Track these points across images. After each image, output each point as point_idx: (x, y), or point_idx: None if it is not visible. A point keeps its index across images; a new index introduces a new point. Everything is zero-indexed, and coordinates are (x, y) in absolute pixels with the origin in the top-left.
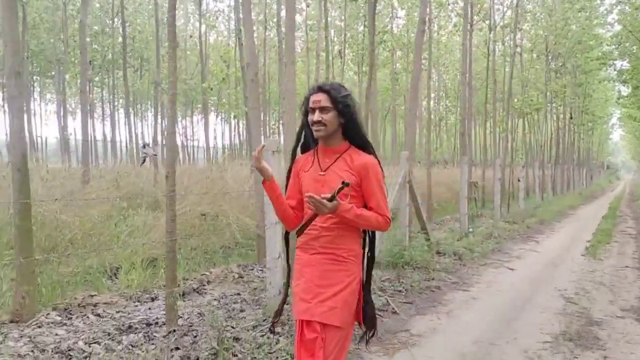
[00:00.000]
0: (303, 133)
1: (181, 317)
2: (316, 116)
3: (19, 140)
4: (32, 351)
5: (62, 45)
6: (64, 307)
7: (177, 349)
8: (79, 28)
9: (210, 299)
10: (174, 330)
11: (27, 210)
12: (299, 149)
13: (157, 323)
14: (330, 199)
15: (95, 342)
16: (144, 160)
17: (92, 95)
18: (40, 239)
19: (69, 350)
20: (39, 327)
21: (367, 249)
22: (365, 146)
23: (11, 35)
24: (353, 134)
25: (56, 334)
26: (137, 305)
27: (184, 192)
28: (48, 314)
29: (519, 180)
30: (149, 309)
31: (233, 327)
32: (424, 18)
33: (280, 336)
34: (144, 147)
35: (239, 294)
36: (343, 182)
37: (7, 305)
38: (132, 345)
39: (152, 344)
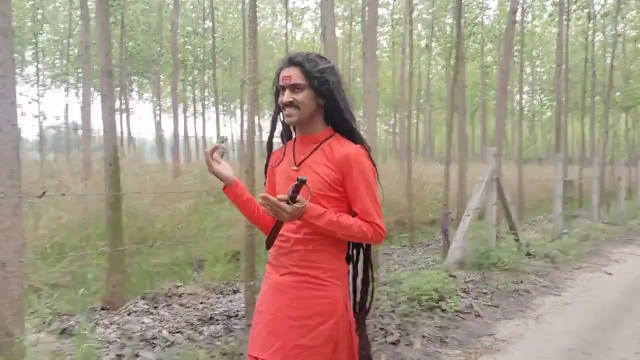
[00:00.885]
0: (278, 119)
1: None
2: (286, 96)
3: (110, 136)
4: (119, 338)
5: (157, 46)
6: (151, 297)
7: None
8: (171, 29)
9: None
10: None
11: (118, 202)
12: (278, 141)
13: (237, 315)
14: (291, 201)
15: (178, 332)
16: (222, 155)
17: (185, 94)
18: (132, 231)
19: (153, 338)
20: (128, 314)
21: (357, 266)
22: (350, 133)
23: (104, 36)
24: (336, 118)
25: (142, 322)
26: (219, 297)
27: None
28: (136, 302)
29: (619, 179)
30: (230, 301)
31: None
32: (515, 8)
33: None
34: (222, 142)
35: None
36: (299, 178)
37: (100, 292)
38: (212, 336)
39: (232, 335)
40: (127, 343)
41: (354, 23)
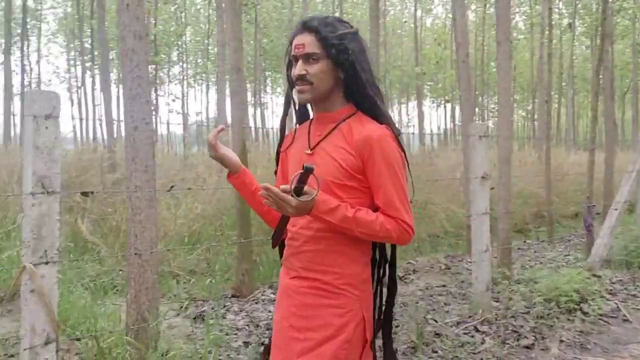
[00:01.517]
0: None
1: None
2: (298, 68)
3: (240, 130)
4: (247, 325)
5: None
6: (278, 286)
7: (376, 337)
8: None
9: (415, 289)
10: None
11: None
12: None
13: None
14: (296, 192)
15: None
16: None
17: None
18: (261, 221)
19: None
20: (256, 303)
21: (381, 270)
22: (374, 112)
23: (233, 33)
24: (357, 94)
25: (269, 311)
26: None
27: None
28: (264, 291)
29: None
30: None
31: (436, 321)
32: None
33: (486, 336)
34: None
35: (444, 285)
36: (304, 166)
37: (231, 280)
38: None
39: None
40: (254, 331)
41: (487, 5)
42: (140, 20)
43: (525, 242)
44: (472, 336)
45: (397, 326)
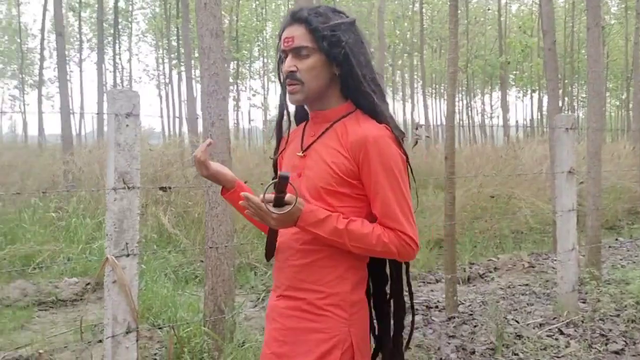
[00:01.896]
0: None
1: (462, 303)
2: (287, 64)
3: None
4: None
5: (367, 33)
6: None
7: (454, 337)
8: (377, 15)
9: (495, 288)
10: (453, 317)
11: None
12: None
13: (437, 307)
14: (277, 203)
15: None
16: (416, 142)
17: (395, 78)
18: None
19: None
20: None
21: (383, 290)
22: (372, 110)
23: None
24: (354, 91)
25: None
26: (420, 286)
27: (474, 173)
28: None
29: None
30: (432, 290)
31: (517, 322)
32: None
33: (571, 339)
34: (416, 128)
35: (527, 285)
36: (280, 175)
37: None
38: (410, 326)
39: (430, 328)
40: None
41: None
42: (217, 19)
43: (617, 240)
44: (556, 339)
45: (475, 326)
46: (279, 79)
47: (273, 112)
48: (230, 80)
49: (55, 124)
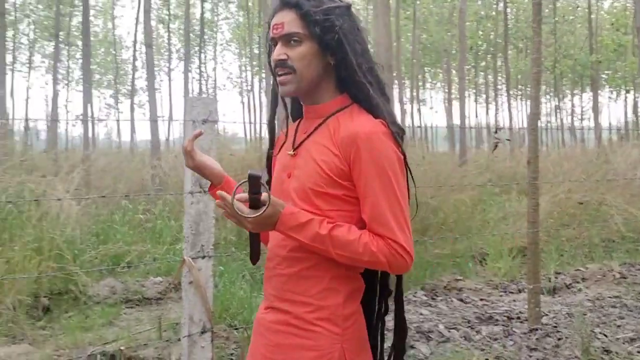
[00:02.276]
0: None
1: (546, 314)
2: (276, 52)
3: None
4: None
5: (448, 35)
6: (430, 288)
7: (536, 349)
8: (459, 16)
9: (583, 299)
10: (536, 329)
11: None
12: (280, 119)
13: (519, 318)
14: (252, 204)
15: (454, 328)
16: (496, 146)
17: (477, 80)
18: (415, 221)
19: (429, 332)
20: (407, 304)
21: (382, 303)
22: (367, 103)
23: (384, 31)
24: (347, 81)
25: (420, 314)
26: (501, 296)
27: (561, 178)
28: (416, 292)
29: None
30: (513, 300)
31: (605, 336)
32: None
33: None
34: (495, 131)
35: (618, 297)
36: (249, 173)
37: None
38: (490, 337)
39: (511, 339)
40: None
41: None
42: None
43: None
44: None
45: (559, 339)
46: (271, 71)
47: None
48: None
49: (146, 130)
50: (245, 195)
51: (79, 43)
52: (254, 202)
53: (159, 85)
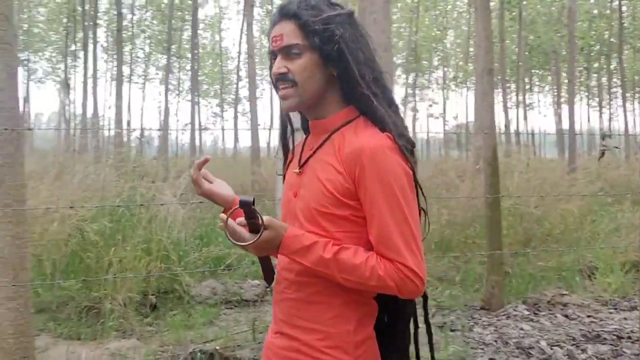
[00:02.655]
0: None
1: None
2: (276, 65)
3: (489, 135)
4: (495, 341)
5: (557, 36)
6: (533, 302)
7: None
8: (568, 16)
9: None
10: None
11: (496, 203)
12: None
13: (629, 337)
14: (251, 229)
15: (557, 345)
16: (603, 154)
17: (589, 83)
18: (517, 231)
19: (530, 348)
20: (506, 318)
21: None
22: (373, 115)
23: (484, 34)
24: (351, 93)
25: (521, 329)
26: (611, 313)
27: None
28: (516, 306)
29: None
30: (624, 319)
31: None
32: None
33: None
34: (603, 138)
35: None
36: (240, 200)
37: (480, 291)
38: (596, 357)
39: None
40: (502, 348)
41: None
42: (386, 33)
43: None
44: None
45: None
46: (272, 85)
47: (452, 123)
48: (409, 90)
49: (248, 137)
50: (242, 220)
51: (189, 55)
52: (253, 227)
53: (260, 94)
